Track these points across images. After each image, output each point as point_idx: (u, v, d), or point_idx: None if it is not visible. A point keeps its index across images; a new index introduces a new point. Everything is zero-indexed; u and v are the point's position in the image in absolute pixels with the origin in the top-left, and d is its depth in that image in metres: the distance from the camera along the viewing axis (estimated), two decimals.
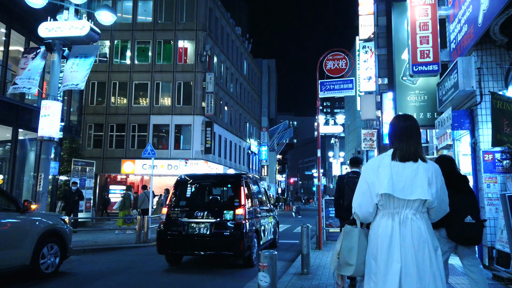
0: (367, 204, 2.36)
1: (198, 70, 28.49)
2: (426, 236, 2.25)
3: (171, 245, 7.43)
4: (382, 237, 2.27)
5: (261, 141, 47.49)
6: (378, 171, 2.35)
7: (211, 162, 29.41)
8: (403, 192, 2.28)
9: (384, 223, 2.30)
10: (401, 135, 2.40)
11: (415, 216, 2.27)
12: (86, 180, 16.68)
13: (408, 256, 2.20)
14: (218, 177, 10.97)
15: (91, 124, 28.68)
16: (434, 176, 2.31)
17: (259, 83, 49.66)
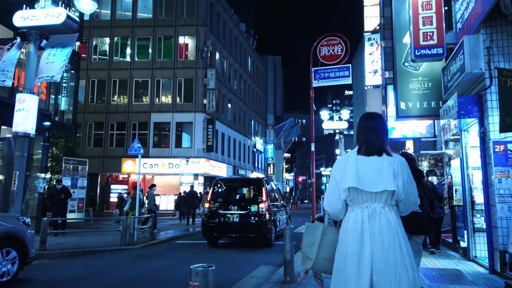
0: (335, 201, 2.37)
1: (199, 66, 27.82)
2: (396, 228, 2.25)
3: (212, 230, 10.25)
4: (352, 232, 2.27)
5: (267, 139, 46.68)
6: (344, 168, 2.36)
7: (213, 161, 28.74)
8: (370, 185, 2.28)
9: (354, 218, 2.30)
10: (367, 131, 2.43)
11: (384, 209, 2.28)
12: (79, 179, 16.12)
13: (378, 249, 2.21)
14: (245, 180, 14.93)
15: (91, 122, 28.23)
16: (399, 168, 2.31)
17: (264, 80, 48.83)
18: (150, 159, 27.24)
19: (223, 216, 10.13)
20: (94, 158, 27.65)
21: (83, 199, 16.33)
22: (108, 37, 28.80)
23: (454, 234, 8.43)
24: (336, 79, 8.53)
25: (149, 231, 11.66)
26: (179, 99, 28.03)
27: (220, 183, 11.33)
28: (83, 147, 27.92)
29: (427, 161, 14.46)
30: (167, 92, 28.26)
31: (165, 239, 11.92)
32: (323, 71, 8.68)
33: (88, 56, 28.79)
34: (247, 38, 41.26)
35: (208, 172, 27.51)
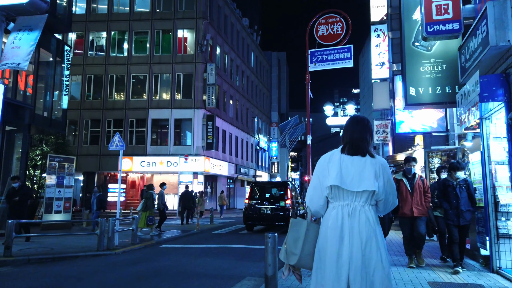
0: (318, 198, 2.44)
1: (199, 61, 26.81)
2: (374, 226, 2.32)
3: (251, 219, 13.92)
4: (332, 228, 2.33)
5: (271, 137, 45.58)
6: (328, 166, 2.42)
7: (214, 159, 27.74)
8: (351, 184, 2.35)
9: (334, 215, 2.36)
10: (352, 131, 2.49)
11: (364, 207, 2.34)
12: (65, 178, 15.16)
13: (356, 246, 2.26)
14: (274, 182, 18.81)
15: (88, 120, 27.39)
16: (381, 170, 2.39)
17: (268, 76, 47.71)
18: (148, 157, 26.32)
19: (259, 209, 13.89)
20: (90, 156, 26.84)
21: (70, 199, 15.38)
22: (105, 31, 27.92)
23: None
24: (335, 62, 7.42)
25: (132, 234, 10.66)
26: (178, 95, 27.07)
27: (255, 185, 15.38)
28: (79, 145, 27.11)
29: (438, 158, 13.26)
30: (166, 88, 27.31)
31: (150, 243, 10.91)
32: (320, 53, 7.59)
33: (85, 51, 27.93)
34: (250, 33, 40.17)
35: (208, 170, 26.52)
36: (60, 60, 18.38)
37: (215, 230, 14.82)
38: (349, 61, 7.30)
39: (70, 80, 27.40)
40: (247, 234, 13.49)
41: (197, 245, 10.75)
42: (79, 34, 28.33)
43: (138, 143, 26.80)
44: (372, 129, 2.54)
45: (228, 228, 15.44)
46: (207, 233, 14.10)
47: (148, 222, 12.85)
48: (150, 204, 13.15)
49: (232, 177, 32.97)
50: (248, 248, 9.96)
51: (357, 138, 2.44)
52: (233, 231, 14.31)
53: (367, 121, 2.56)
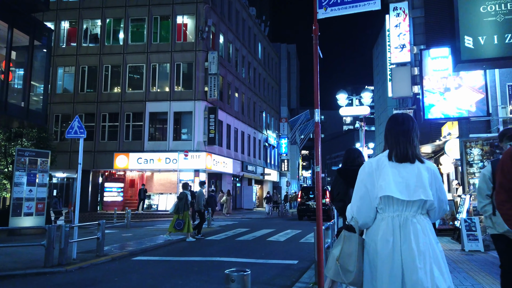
0: (367, 209, 2.27)
1: (200, 49, 24.67)
2: (430, 237, 2.15)
3: (302, 212, 21.46)
4: (382, 242, 2.16)
5: (281, 133, 43.25)
6: (376, 174, 2.27)
7: (217, 155, 25.57)
8: (405, 194, 2.18)
9: (384, 227, 2.18)
10: (397, 136, 2.30)
11: (415, 217, 2.18)
12: (38, 175, 13.16)
13: (410, 260, 2.08)
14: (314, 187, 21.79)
15: (82, 113, 25.46)
16: (433, 176, 2.24)
17: (277, 70, 45.35)
18: (145, 153, 24.31)
19: (307, 205, 21.04)
20: (84, 153, 24.84)
21: (44, 200, 13.36)
22: (99, 19, 26.00)
23: None
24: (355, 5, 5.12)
25: (98, 243, 8.52)
26: (177, 86, 24.98)
27: (303, 189, 23.01)
28: (72, 140, 25.23)
29: (478, 148, 10.83)
30: (164, 79, 25.25)
31: (121, 254, 8.76)
32: None
33: (78, 41, 26.06)
34: (258, 23, 37.91)
35: (210, 167, 24.38)
36: (40, 45, 16.43)
37: (210, 236, 12.63)
38: (374, 2, 4.98)
39: (52, 65, 25.55)
40: (244, 241, 11.27)
41: (178, 257, 8.57)
42: (72, 22, 26.49)
43: (134, 138, 24.81)
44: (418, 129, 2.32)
45: (225, 233, 13.24)
46: (199, 238, 11.92)
47: (176, 226, 11.24)
48: (182, 205, 11.39)
49: (238, 175, 30.79)
50: (242, 263, 7.73)
51: (405, 143, 2.25)
52: (230, 237, 12.11)
53: (413, 121, 2.34)
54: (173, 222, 11.35)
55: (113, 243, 10.78)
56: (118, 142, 24.86)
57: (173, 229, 11.32)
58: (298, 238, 11.81)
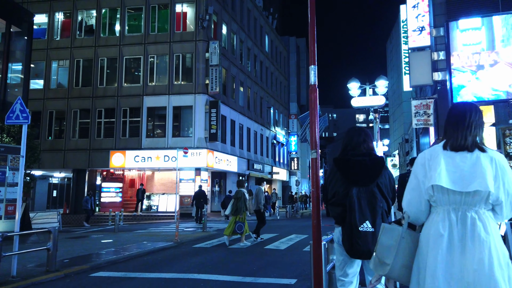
0: (417, 201, 2.11)
1: (200, 39, 23.04)
2: (493, 236, 1.91)
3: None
4: (435, 237, 1.98)
5: (290, 130, 41.37)
6: (428, 164, 2.09)
7: (220, 152, 23.89)
8: (458, 184, 1.97)
9: (438, 222, 2.01)
10: (457, 123, 2.12)
11: (477, 213, 1.95)
12: (7, 173, 11.61)
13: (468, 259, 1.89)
14: None
15: (76, 109, 24.12)
16: (498, 167, 1.97)
17: (286, 64, 43.46)
18: (143, 151, 22.77)
19: None
20: (80, 152, 23.61)
21: (14, 201, 11.81)
22: (94, 9, 24.60)
23: None
24: None
25: (49, 255, 6.87)
26: (177, 79, 23.38)
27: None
28: (66, 138, 23.89)
29: None
30: (162, 71, 23.69)
31: (80, 268, 7.10)
32: None
33: (72, 33, 24.70)
34: (265, 15, 36.15)
35: (212, 165, 22.70)
36: (19, 31, 14.97)
37: (200, 242, 10.92)
38: None
39: (46, 59, 24.22)
40: (238, 249, 9.51)
41: (148, 273, 6.86)
42: (66, 13, 25.15)
43: (132, 135, 23.30)
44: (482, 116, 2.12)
45: (218, 239, 11.49)
46: (186, 246, 10.22)
47: (237, 229, 10.06)
48: (241, 206, 10.09)
49: (243, 174, 29.05)
50: (223, 284, 5.98)
51: (462, 129, 2.07)
52: (223, 244, 10.37)
53: (474, 108, 2.14)
54: (232, 225, 10.13)
55: (82, 252, 9.17)
56: (114, 139, 23.40)
57: (231, 232, 10.07)
58: (302, 245, 10.00)
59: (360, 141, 3.11)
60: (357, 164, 2.96)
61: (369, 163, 2.97)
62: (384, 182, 2.99)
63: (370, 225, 2.81)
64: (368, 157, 3.02)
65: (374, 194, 2.89)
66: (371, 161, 3.00)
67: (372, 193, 2.89)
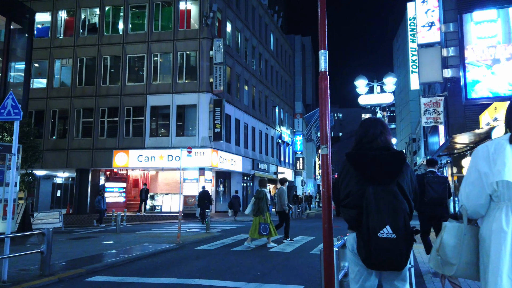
0: (477, 195, 2.01)
1: (204, 36, 22.70)
2: None
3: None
4: (497, 233, 1.91)
5: (295, 130, 40.92)
6: (493, 157, 1.98)
7: (224, 152, 23.53)
8: None
9: (500, 216, 1.92)
10: None
11: None
12: (6, 172, 11.33)
13: None
14: None
15: (80, 108, 23.89)
16: None
17: (291, 63, 43.01)
18: (147, 150, 22.46)
19: None
20: (82, 151, 23.37)
21: (13, 201, 11.52)
22: (98, 7, 24.35)
23: None
24: None
25: (42, 258, 6.54)
26: (180, 77, 23.06)
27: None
28: (69, 137, 23.67)
29: None
30: (166, 70, 23.38)
31: (73, 273, 6.75)
32: None
33: (76, 31, 24.47)
34: (271, 14, 35.76)
35: (216, 165, 22.34)
36: (20, 28, 14.72)
37: (203, 244, 10.54)
38: None
39: (49, 58, 23.99)
40: (241, 252, 9.13)
41: (147, 277, 6.51)
42: (69, 12, 24.93)
43: (135, 134, 23.02)
44: None
45: (222, 241, 11.12)
46: (189, 248, 9.86)
47: (262, 231, 9.62)
48: (263, 206, 9.75)
49: (248, 174, 28.68)
50: None
51: None
52: (226, 246, 9.99)
53: None
54: (256, 226, 9.68)
55: (81, 254, 8.84)
56: (117, 139, 23.13)
57: (257, 235, 9.62)
58: (309, 248, 9.59)
59: (376, 134, 2.70)
60: (374, 160, 2.55)
61: (389, 159, 2.57)
62: (406, 181, 2.58)
63: (391, 231, 2.41)
64: (387, 151, 2.62)
65: (395, 195, 2.48)
66: (390, 156, 2.58)
67: (392, 193, 2.49)
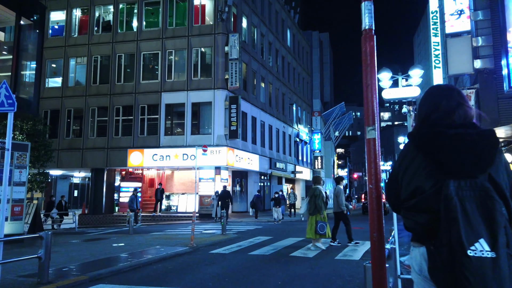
0: None
1: (219, 32, 22.06)
2: None
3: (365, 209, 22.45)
4: None
5: (313, 128, 39.92)
6: None
7: (240, 150, 22.84)
8: None
9: None
10: None
11: None
12: (14, 171, 10.89)
13: None
14: None
15: (94, 107, 23.59)
16: None
17: (309, 59, 42.02)
18: (161, 149, 21.97)
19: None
20: (97, 150, 23.06)
21: (22, 201, 11.11)
22: (112, 4, 24.02)
23: None
24: None
25: (40, 264, 5.93)
26: (195, 74, 22.47)
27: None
28: (84, 137, 23.40)
29: None
30: (181, 67, 22.84)
31: (74, 280, 6.13)
32: None
33: (90, 30, 24.20)
34: (287, 9, 34.91)
35: (232, 164, 21.66)
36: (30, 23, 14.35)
37: (218, 247, 9.84)
38: None
39: (64, 56, 23.84)
40: (260, 256, 8.37)
41: (156, 287, 5.82)
42: (84, 10, 24.69)
43: (150, 133, 22.56)
44: None
45: (239, 244, 10.39)
46: (202, 252, 9.17)
47: (319, 230, 8.96)
48: (320, 204, 9.06)
49: (265, 173, 27.92)
50: None
51: None
52: (243, 250, 9.27)
53: None
54: (312, 225, 9.04)
55: (87, 257, 8.26)
56: (132, 138, 22.72)
57: (314, 234, 9.00)
58: (334, 252, 8.77)
59: (452, 106, 1.87)
60: (457, 141, 1.75)
61: (477, 140, 1.76)
62: (501, 172, 1.77)
63: (488, 246, 1.60)
64: (473, 129, 1.81)
65: (488, 193, 1.67)
66: (479, 136, 1.77)
67: (484, 190, 1.68)
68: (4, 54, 14.47)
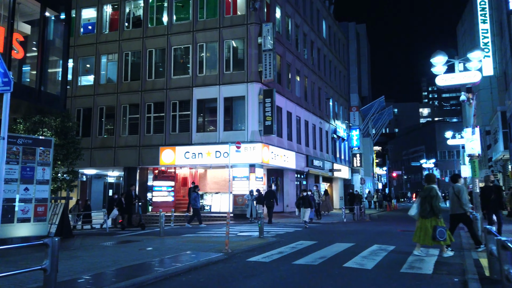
0: None
1: (252, 22, 20.87)
2: None
3: None
4: None
5: (351, 124, 37.96)
6: None
7: (276, 147, 21.54)
8: None
9: None
10: None
11: None
12: (36, 169, 10.15)
13: None
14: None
15: (126, 104, 23.07)
16: None
17: (345, 52, 40.04)
18: (194, 146, 21.07)
19: None
20: (129, 148, 22.51)
21: (46, 201, 10.35)
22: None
23: None
24: None
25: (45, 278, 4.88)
26: (227, 67, 21.40)
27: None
28: (116, 135, 22.93)
29: None
30: (212, 60, 21.85)
31: None
32: None
33: (120, 26, 23.72)
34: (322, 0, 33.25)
35: (267, 162, 20.41)
36: (56, 15, 13.73)
37: (257, 254, 8.58)
38: None
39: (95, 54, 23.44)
40: (306, 267, 7.03)
41: None
42: (114, 5, 24.25)
43: (182, 130, 21.72)
44: None
45: (279, 250, 9.08)
46: (239, 259, 7.95)
47: (438, 236, 7.39)
48: (437, 205, 7.57)
49: (302, 171, 26.46)
50: None
51: None
52: (286, 258, 7.96)
53: None
54: (427, 231, 7.59)
55: (108, 264, 7.25)
56: (164, 135, 21.97)
57: (431, 240, 7.52)
58: (396, 262, 7.28)
59: None
60: None
61: None
62: None
63: None
64: None
65: None
66: None
67: None
68: (31, 49, 13.94)
